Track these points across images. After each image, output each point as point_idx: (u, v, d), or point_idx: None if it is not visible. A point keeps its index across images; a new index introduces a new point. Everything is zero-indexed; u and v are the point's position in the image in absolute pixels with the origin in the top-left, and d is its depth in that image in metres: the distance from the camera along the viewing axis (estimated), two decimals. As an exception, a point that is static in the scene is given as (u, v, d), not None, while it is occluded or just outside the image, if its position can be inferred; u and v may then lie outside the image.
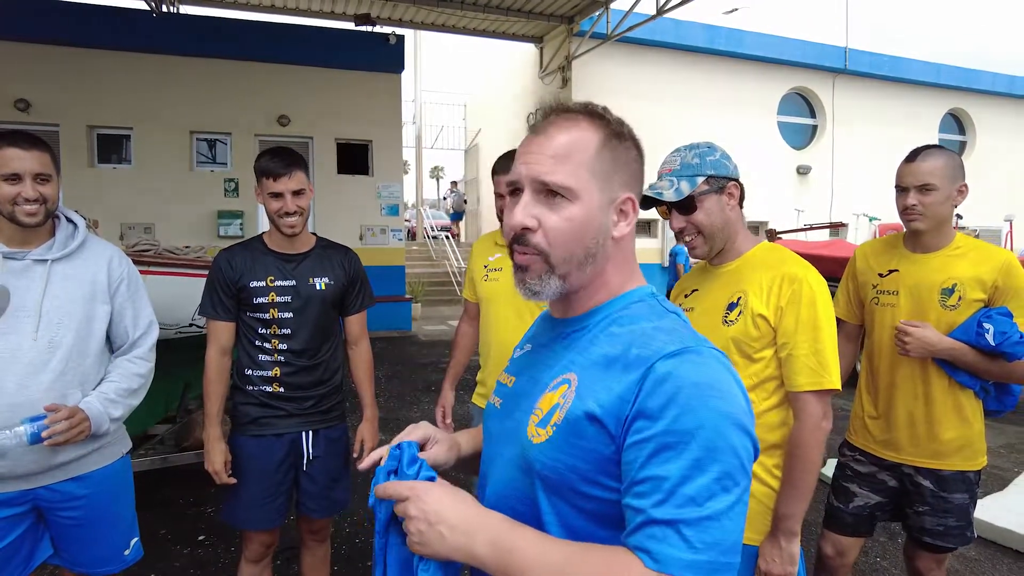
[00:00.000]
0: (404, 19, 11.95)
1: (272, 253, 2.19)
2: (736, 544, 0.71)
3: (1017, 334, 1.81)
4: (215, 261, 2.18)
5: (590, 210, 0.85)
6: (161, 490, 3.92)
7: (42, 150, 1.72)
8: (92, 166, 9.86)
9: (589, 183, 0.85)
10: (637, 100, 13.39)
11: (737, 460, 0.72)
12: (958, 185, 1.92)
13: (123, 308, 1.90)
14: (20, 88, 9.34)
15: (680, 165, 1.59)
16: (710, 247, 1.64)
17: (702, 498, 0.69)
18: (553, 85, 13.31)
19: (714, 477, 0.70)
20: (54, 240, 1.79)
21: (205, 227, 10.01)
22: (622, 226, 0.89)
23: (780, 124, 15.33)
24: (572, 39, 12.40)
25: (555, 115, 0.90)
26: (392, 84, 11.16)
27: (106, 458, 1.89)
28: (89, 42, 9.51)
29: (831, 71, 15.40)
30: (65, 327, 1.74)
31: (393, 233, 11.33)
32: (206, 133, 10.39)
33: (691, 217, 1.60)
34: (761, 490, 1.55)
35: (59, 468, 1.77)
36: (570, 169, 0.85)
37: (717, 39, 14.06)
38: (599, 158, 0.86)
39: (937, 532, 1.98)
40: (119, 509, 1.95)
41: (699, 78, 14.04)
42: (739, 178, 1.63)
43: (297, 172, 2.11)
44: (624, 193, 0.88)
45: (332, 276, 2.22)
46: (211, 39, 10.08)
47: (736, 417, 0.74)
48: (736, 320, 1.56)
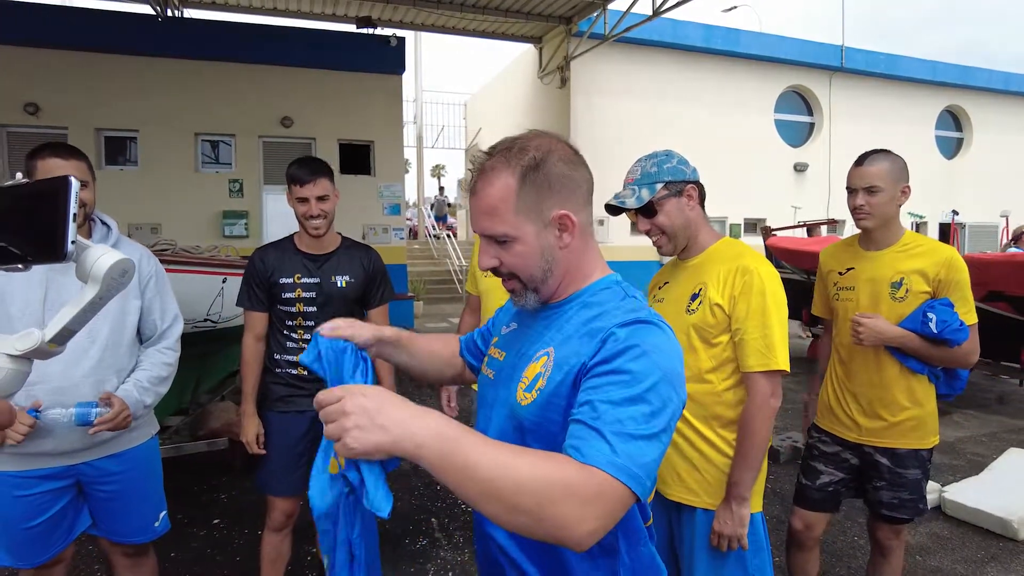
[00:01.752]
0: (404, 21, 12.11)
1: (300, 253, 2.43)
2: (650, 467, 0.84)
3: (956, 322, 1.98)
4: (251, 258, 2.44)
5: (530, 241, 1.03)
6: (177, 478, 4.11)
7: (80, 159, 1.90)
8: (99, 168, 10.05)
9: (521, 221, 1.02)
10: (635, 99, 13.57)
11: (664, 407, 0.88)
12: (901, 186, 2.10)
13: (152, 303, 2.09)
14: (30, 92, 9.54)
15: (641, 174, 1.78)
16: (674, 245, 1.84)
17: (629, 423, 0.84)
18: (552, 85, 13.48)
19: (644, 412, 0.86)
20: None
21: (210, 227, 10.20)
22: (565, 237, 1.05)
23: (777, 122, 15.49)
24: (570, 39, 12.55)
25: (478, 175, 1.05)
26: (393, 85, 11.33)
27: (137, 439, 2.09)
28: (96, 46, 9.69)
29: (828, 69, 15.56)
30: (102, 320, 1.90)
31: (395, 232, 11.51)
32: (210, 135, 10.58)
33: (654, 220, 1.79)
34: (721, 460, 1.74)
35: (97, 446, 1.97)
36: (501, 219, 1.02)
37: (714, 38, 14.21)
38: (522, 196, 1.01)
39: (893, 504, 2.17)
40: (149, 484, 2.15)
41: (697, 77, 14.18)
42: (697, 180, 1.80)
43: (321, 179, 2.34)
44: (557, 211, 1.03)
45: (353, 274, 2.46)
46: (215, 43, 10.26)
47: (673, 376, 0.92)
48: (697, 309, 1.74)
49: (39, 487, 1.92)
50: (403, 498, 3.95)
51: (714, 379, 1.74)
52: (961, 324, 2.00)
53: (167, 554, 3.25)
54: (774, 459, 4.56)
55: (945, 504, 3.72)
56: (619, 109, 13.40)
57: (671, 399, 0.90)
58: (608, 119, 13.21)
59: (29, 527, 1.92)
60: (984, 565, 3.17)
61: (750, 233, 14.90)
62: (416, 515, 3.73)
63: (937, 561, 3.21)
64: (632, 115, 13.48)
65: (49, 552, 1.98)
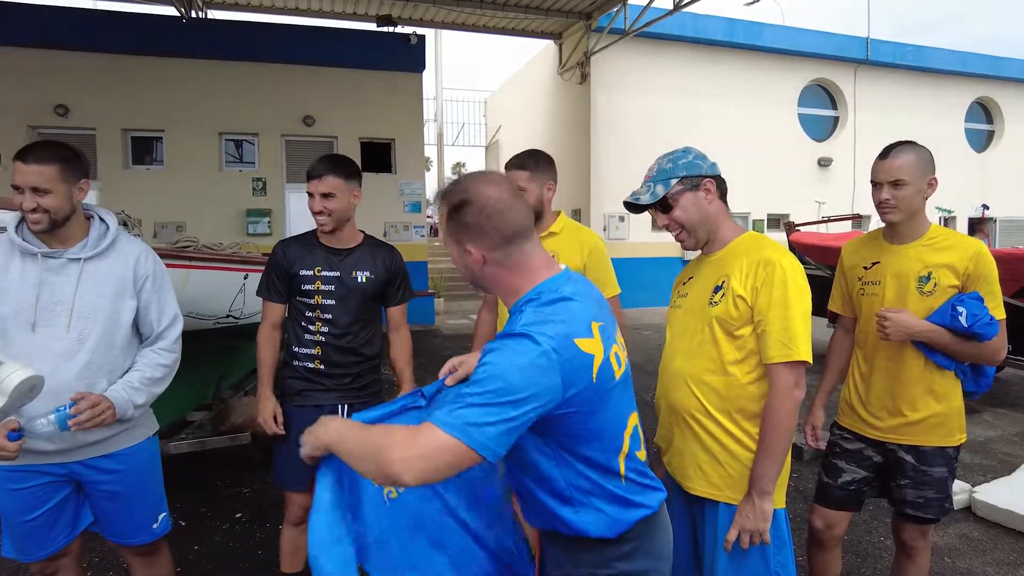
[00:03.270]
0: (425, 19, 12.14)
1: (323, 247, 2.45)
2: (474, 432, 1.09)
3: (987, 316, 1.94)
4: (274, 249, 2.46)
5: (456, 259, 1.36)
6: (200, 472, 4.18)
7: (46, 163, 1.83)
8: (126, 168, 10.24)
9: (450, 243, 1.35)
10: (656, 95, 13.45)
11: (503, 394, 1.12)
12: (928, 179, 2.05)
13: (148, 303, 2.04)
14: (60, 94, 9.74)
15: (657, 171, 1.80)
16: (695, 239, 1.83)
17: (467, 399, 1.13)
18: (572, 81, 13.42)
19: (479, 391, 1.13)
20: (88, 240, 1.95)
21: (234, 225, 10.33)
22: (476, 264, 1.31)
23: (801, 116, 15.24)
24: (591, 35, 12.47)
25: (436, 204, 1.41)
26: (413, 83, 11.36)
27: (133, 438, 2.07)
28: (123, 48, 9.86)
29: (853, 62, 15.27)
30: (93, 321, 1.90)
31: (416, 229, 11.56)
32: (234, 134, 10.71)
33: (671, 215, 1.80)
34: (744, 454, 1.71)
35: (92, 446, 1.97)
36: (443, 236, 1.36)
37: (736, 32, 14.02)
38: (449, 227, 1.33)
39: (918, 504, 2.12)
40: (148, 484, 2.13)
41: (718, 72, 14.01)
42: (716, 174, 1.80)
43: (330, 177, 2.34)
44: (467, 245, 1.31)
45: (373, 271, 2.48)
46: (238, 43, 10.38)
47: (517, 369, 1.13)
48: (719, 301, 1.73)
49: (33, 480, 1.93)
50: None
51: (737, 372, 1.71)
52: (991, 319, 1.95)
53: (190, 547, 3.30)
54: (797, 457, 4.50)
55: (976, 505, 3.63)
56: (640, 104, 13.30)
57: (513, 389, 1.13)
58: (629, 115, 13.11)
59: (28, 520, 1.94)
60: (1016, 568, 3.09)
61: (773, 229, 14.70)
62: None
63: (967, 563, 3.13)
64: (653, 110, 13.37)
65: (51, 546, 1.99)
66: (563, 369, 1.15)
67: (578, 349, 1.19)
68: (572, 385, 1.17)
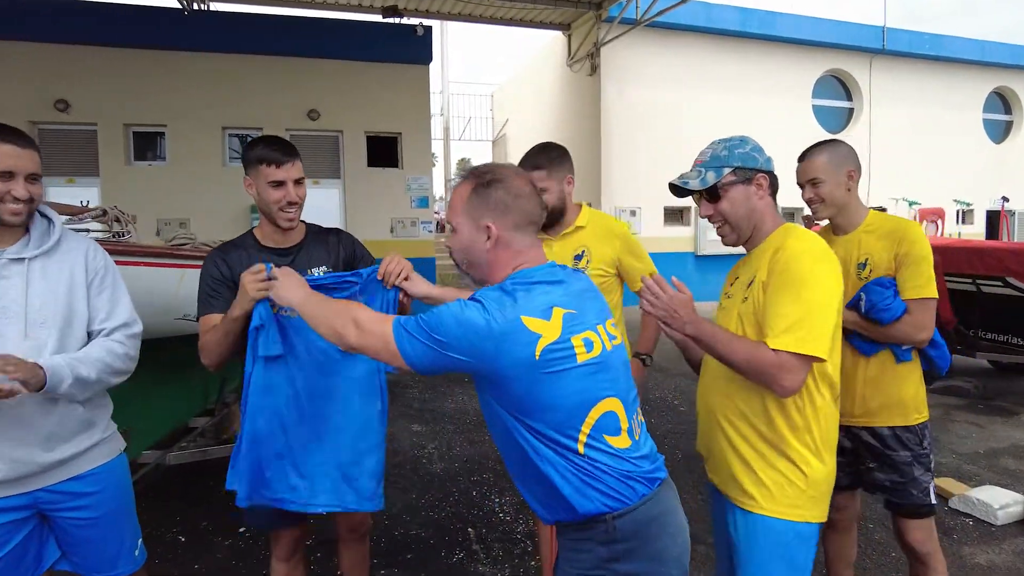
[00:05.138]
0: (431, 10, 11.91)
1: (266, 249, 2.05)
2: (405, 339, 1.35)
3: (884, 302, 2.02)
4: (206, 262, 2.03)
5: (463, 236, 1.46)
6: (201, 483, 3.97)
7: (35, 149, 1.69)
8: (128, 164, 10.05)
9: (463, 221, 1.45)
10: (667, 85, 13.17)
11: (435, 330, 1.32)
12: (847, 170, 2.15)
13: (96, 302, 1.80)
14: (60, 89, 9.55)
15: (710, 156, 1.72)
16: (737, 235, 1.74)
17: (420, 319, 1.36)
18: (582, 73, 13.16)
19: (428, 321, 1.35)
20: (29, 237, 1.72)
21: (239, 222, 10.13)
22: (488, 243, 1.43)
23: (815, 107, 14.93)
24: (600, 25, 12.21)
25: (457, 179, 1.51)
26: (420, 76, 11.14)
27: (106, 455, 1.84)
28: (124, 41, 9.66)
29: (868, 52, 14.94)
30: (48, 328, 1.68)
31: (423, 225, 11.34)
32: (238, 129, 10.50)
33: (717, 205, 1.71)
34: (782, 463, 1.60)
35: (57, 468, 1.73)
36: (454, 214, 1.48)
37: (749, 22, 13.72)
38: (470, 203, 1.44)
39: (887, 488, 2.16)
40: (122, 507, 1.90)
41: (731, 62, 13.71)
42: (770, 170, 1.72)
43: (297, 160, 2.00)
44: (486, 221, 1.42)
45: (330, 262, 2.11)
46: (241, 35, 10.17)
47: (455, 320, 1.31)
48: (749, 296, 1.66)
49: None
50: (437, 506, 3.75)
51: None
52: (889, 305, 2.01)
53: (190, 565, 3.10)
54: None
55: (1029, 517, 3.40)
56: (651, 96, 13.01)
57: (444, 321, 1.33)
58: (640, 106, 12.84)
59: None
60: (1081, 588, 2.85)
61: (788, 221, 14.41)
62: (451, 524, 3.52)
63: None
64: (665, 102, 13.09)
65: None
66: (499, 339, 1.28)
67: (522, 325, 1.30)
68: (505, 354, 1.29)
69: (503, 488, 3.94)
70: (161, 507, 3.68)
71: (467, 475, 4.19)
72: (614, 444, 1.38)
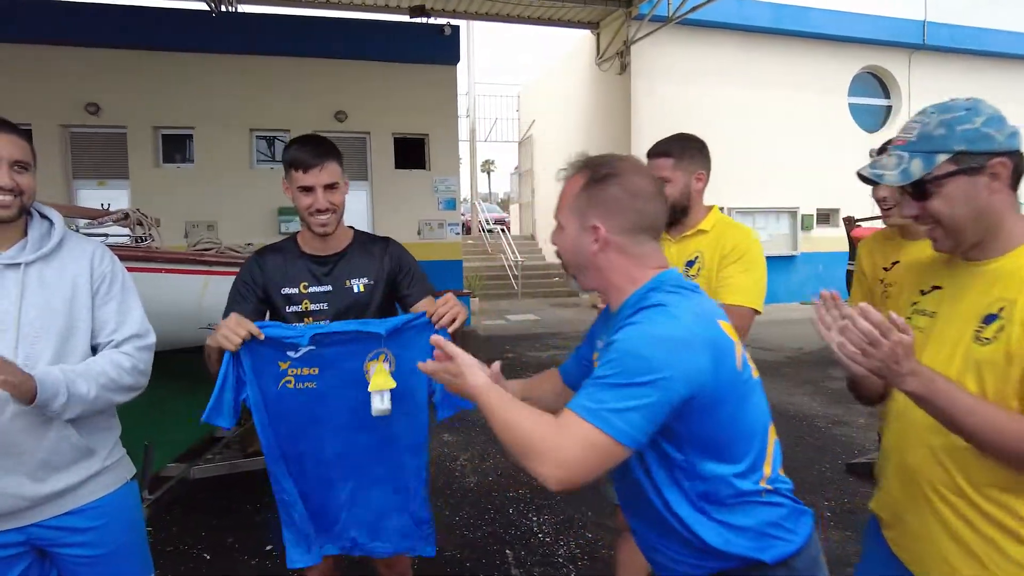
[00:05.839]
0: (458, 10, 11.77)
1: (305, 256, 1.93)
2: (614, 419, 1.02)
3: None
4: (245, 264, 1.94)
5: (568, 236, 1.27)
6: (227, 496, 3.83)
7: (21, 136, 1.52)
8: (157, 166, 10.06)
9: (569, 218, 1.26)
10: (699, 83, 12.87)
11: (643, 372, 1.03)
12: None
13: (103, 312, 1.61)
14: (91, 92, 9.58)
15: (917, 136, 1.23)
16: (955, 242, 1.25)
17: (605, 380, 1.06)
18: (611, 71, 12.92)
19: (617, 370, 1.06)
20: (27, 240, 1.55)
21: (267, 224, 10.09)
22: (595, 246, 1.22)
23: (851, 106, 14.50)
24: (630, 23, 11.97)
25: (567, 170, 1.29)
26: (448, 76, 11.00)
27: (107, 485, 1.65)
28: (153, 44, 9.66)
29: (907, 47, 14.47)
30: (44, 341, 1.49)
31: (450, 227, 11.19)
32: (265, 131, 10.46)
33: (927, 204, 1.23)
34: (1015, 549, 1.16)
35: (51, 502, 1.54)
36: (561, 209, 1.28)
37: (783, 18, 13.36)
38: (579, 199, 1.24)
39: None
40: (132, 542, 1.73)
41: (765, 59, 13.37)
42: (1015, 149, 1.20)
43: (330, 163, 1.83)
44: (594, 220, 1.21)
45: (372, 275, 1.94)
46: (268, 37, 10.11)
47: (656, 343, 1.06)
48: (993, 338, 1.15)
49: None
50: (472, 524, 3.55)
51: None
52: None
53: (216, 587, 2.94)
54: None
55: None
56: (683, 94, 12.72)
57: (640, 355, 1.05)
58: (671, 105, 12.54)
59: None
60: None
61: (823, 224, 14.04)
62: (488, 545, 3.32)
63: None
64: (696, 100, 12.78)
65: None
66: (711, 347, 1.07)
67: (721, 330, 1.12)
68: (721, 366, 1.08)
69: (540, 506, 3.73)
70: (185, 522, 3.55)
71: (502, 490, 3.99)
72: (782, 475, 1.24)
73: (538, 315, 12.41)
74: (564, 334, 10.11)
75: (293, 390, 1.76)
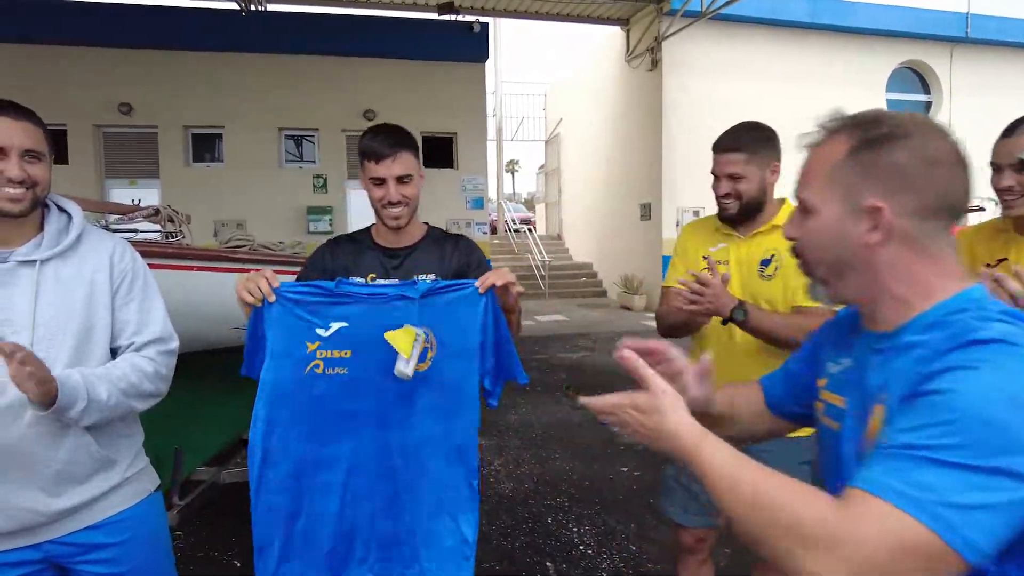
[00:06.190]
0: (487, 7, 11.65)
1: (377, 247, 1.88)
2: (955, 518, 0.67)
3: None
4: (316, 249, 1.90)
5: (826, 221, 0.91)
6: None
7: (35, 123, 1.39)
8: (187, 165, 10.11)
9: (830, 198, 0.91)
10: (733, 80, 12.57)
11: (1002, 451, 0.68)
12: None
13: (123, 313, 1.49)
14: (123, 92, 9.66)
15: None
16: None
17: (929, 452, 0.71)
18: (641, 68, 12.69)
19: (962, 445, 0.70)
20: (43, 235, 1.44)
21: (295, 223, 10.09)
22: (873, 235, 0.88)
23: (890, 102, 14.05)
24: (662, 19, 11.74)
25: (818, 131, 0.96)
26: (476, 74, 10.92)
27: (130, 497, 1.53)
28: (184, 44, 9.72)
29: (949, 40, 13.99)
30: (59, 344, 1.38)
31: (477, 227, 11.10)
32: (294, 130, 10.46)
33: None
34: None
35: (68, 517, 1.43)
36: (809, 185, 0.94)
37: (820, 12, 13.01)
38: (845, 169, 0.89)
39: None
40: (157, 556, 1.61)
41: (800, 55, 13.03)
42: None
43: (404, 154, 1.75)
44: (874, 199, 0.87)
45: (440, 271, 1.86)
46: (297, 36, 10.11)
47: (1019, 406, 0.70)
48: None
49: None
50: (509, 534, 3.41)
51: None
52: None
53: (247, 597, 2.84)
54: None
55: None
56: (716, 91, 12.43)
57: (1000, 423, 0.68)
58: (704, 102, 12.28)
59: None
60: None
61: (861, 224, 13.64)
62: (526, 556, 3.17)
63: None
64: (730, 97, 12.49)
65: None
66: None
67: None
68: None
69: (580, 515, 3.58)
70: (215, 527, 3.46)
71: (539, 498, 3.84)
72: None
73: (566, 316, 12.24)
74: (593, 335, 9.93)
75: (322, 376, 1.53)
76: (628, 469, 4.26)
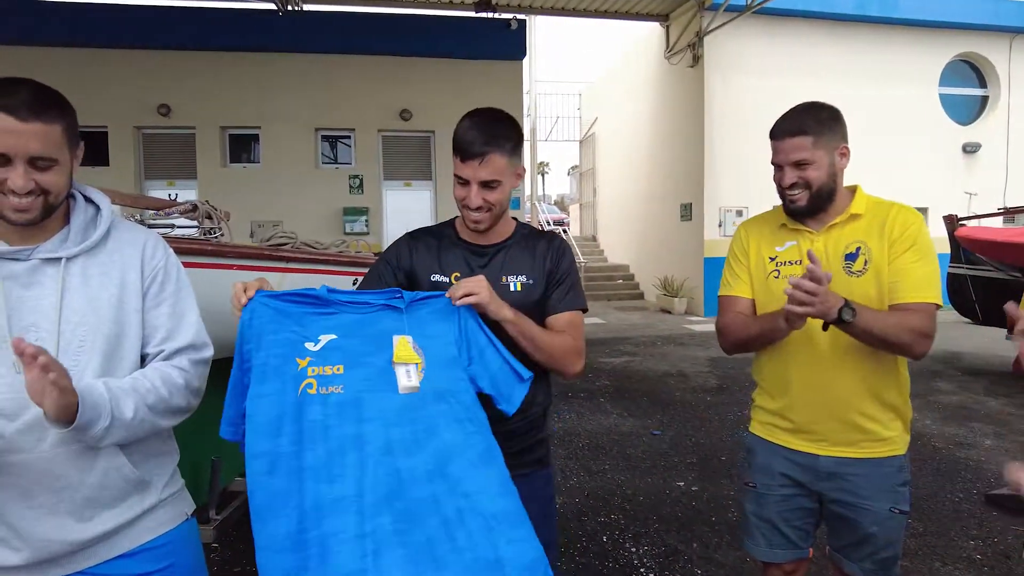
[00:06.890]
0: (523, 4, 11.46)
1: (462, 243, 1.69)
2: None
3: None
4: (396, 241, 1.73)
5: None
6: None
7: (49, 120, 1.16)
8: (224, 166, 10.12)
9: None
10: (776, 76, 12.15)
11: None
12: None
13: (154, 316, 1.33)
14: (162, 94, 9.71)
15: None
16: None
17: None
18: (681, 64, 12.36)
19: None
20: (69, 229, 1.28)
21: (332, 223, 10.02)
22: None
23: (942, 96, 13.46)
24: (703, 13, 11.41)
25: None
26: (513, 72, 10.74)
27: (165, 523, 1.38)
28: (222, 46, 9.74)
29: (1008, 31, 13.34)
30: (88, 349, 1.22)
31: (514, 227, 10.91)
32: (330, 130, 10.40)
33: None
34: None
35: (100, 544, 1.27)
36: None
37: (868, 4, 12.51)
38: None
39: None
40: None
41: (848, 49, 12.54)
42: None
43: (494, 156, 1.53)
44: None
45: (531, 273, 1.65)
46: (333, 35, 10.05)
47: None
48: None
49: None
50: (564, 554, 3.18)
51: None
52: None
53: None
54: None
55: None
56: (759, 87, 12.03)
57: None
58: (747, 98, 11.90)
59: None
60: None
61: (913, 224, 13.06)
62: None
63: None
64: (775, 93, 12.04)
65: None
66: None
67: None
68: None
69: (638, 534, 3.33)
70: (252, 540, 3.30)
71: (593, 514, 3.60)
72: None
73: (603, 319, 11.96)
74: (633, 339, 9.64)
75: (316, 396, 1.31)
76: (684, 484, 4.00)
